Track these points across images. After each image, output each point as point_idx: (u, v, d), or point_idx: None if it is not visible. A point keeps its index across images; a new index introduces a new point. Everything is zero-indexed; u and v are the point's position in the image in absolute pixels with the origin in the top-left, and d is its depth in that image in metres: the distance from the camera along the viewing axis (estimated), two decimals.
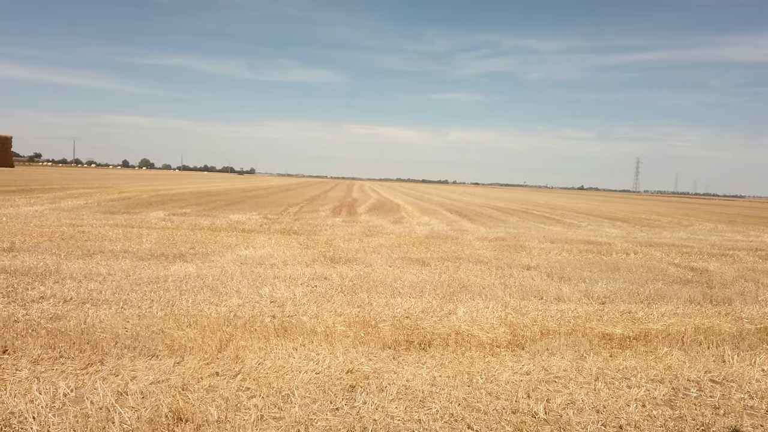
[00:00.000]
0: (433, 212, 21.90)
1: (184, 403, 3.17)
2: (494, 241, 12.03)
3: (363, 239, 11.42)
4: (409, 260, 8.83)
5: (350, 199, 30.15)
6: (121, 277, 6.48)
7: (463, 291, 6.59)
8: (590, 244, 12.23)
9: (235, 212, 16.86)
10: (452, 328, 5.03)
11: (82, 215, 13.44)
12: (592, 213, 27.15)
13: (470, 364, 4.12)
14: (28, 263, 6.95)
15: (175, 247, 8.92)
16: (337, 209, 21.16)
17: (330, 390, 3.51)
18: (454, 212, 22.49)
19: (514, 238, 12.78)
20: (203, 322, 4.80)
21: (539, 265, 8.91)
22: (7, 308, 4.95)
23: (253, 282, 6.57)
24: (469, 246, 11.07)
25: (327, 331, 4.71)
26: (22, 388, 3.29)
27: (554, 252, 10.64)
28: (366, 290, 6.41)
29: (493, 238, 12.79)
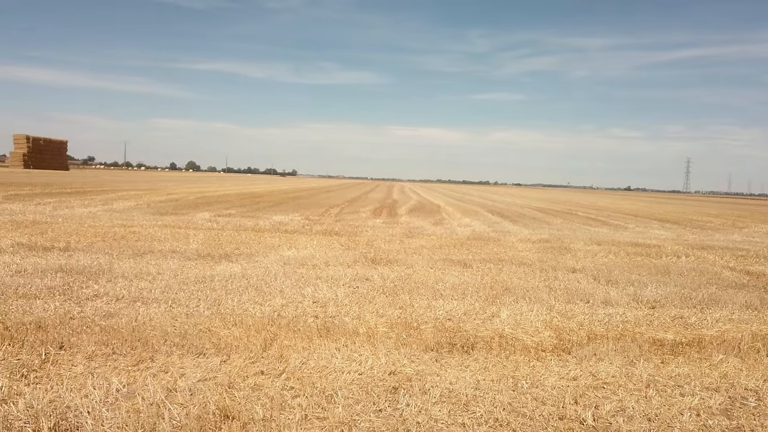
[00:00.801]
0: (474, 213, 21.69)
1: (230, 401, 3.23)
2: (537, 243, 11.82)
3: (404, 240, 11.41)
4: (450, 262, 8.76)
5: (391, 201, 30.20)
6: (170, 276, 6.67)
7: (506, 293, 6.49)
8: (638, 247, 11.86)
9: (277, 213, 17.13)
10: (495, 331, 4.96)
11: (133, 216, 13.92)
12: (640, 214, 26.34)
13: (515, 369, 4.05)
14: (83, 262, 7.23)
15: (221, 248, 9.12)
16: (378, 210, 21.22)
17: (373, 391, 3.51)
18: (495, 213, 22.22)
19: (558, 240, 12.52)
20: (248, 321, 4.88)
21: (585, 267, 8.69)
22: (63, 305, 5.16)
23: (296, 282, 6.64)
24: (512, 248, 10.90)
25: (369, 332, 4.72)
26: (78, 383, 3.42)
27: (601, 254, 10.37)
28: (407, 292, 6.39)
29: (536, 239, 12.57)
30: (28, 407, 3.05)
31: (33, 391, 3.28)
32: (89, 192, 24.39)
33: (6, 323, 4.48)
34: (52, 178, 44.91)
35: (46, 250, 8.09)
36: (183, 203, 19.88)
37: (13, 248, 8.05)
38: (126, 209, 16.04)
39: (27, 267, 6.77)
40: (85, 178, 50.16)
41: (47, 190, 24.09)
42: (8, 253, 7.70)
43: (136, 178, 56.81)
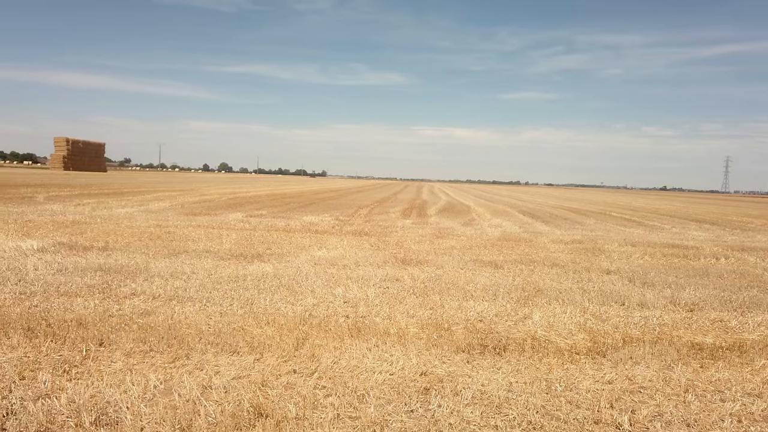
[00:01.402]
0: (504, 214, 21.47)
1: (264, 399, 3.27)
2: (570, 244, 11.63)
3: (434, 241, 11.37)
4: (481, 263, 8.69)
5: (420, 201, 30.13)
6: (204, 275, 6.79)
7: (538, 295, 6.41)
8: (675, 248, 11.56)
9: (308, 214, 17.28)
10: (528, 333, 4.90)
11: (168, 217, 14.23)
12: (677, 215, 25.68)
13: (548, 371, 3.99)
14: (121, 261, 7.43)
15: (253, 248, 9.25)
16: (407, 211, 21.20)
17: (404, 392, 3.50)
18: (526, 214, 21.95)
19: (591, 241, 12.30)
20: (280, 320, 4.94)
21: (620, 269, 8.52)
22: (102, 303, 5.31)
23: (326, 282, 6.69)
24: (544, 249, 10.76)
25: (400, 333, 4.72)
26: (117, 379, 3.51)
27: (636, 256, 10.15)
28: (438, 292, 6.37)
29: (569, 240, 12.37)
30: (71, 402, 3.14)
31: (75, 386, 3.38)
32: (126, 193, 25.03)
33: (48, 320, 4.63)
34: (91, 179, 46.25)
35: (85, 249, 8.34)
36: (216, 204, 20.22)
37: (54, 247, 8.32)
38: (161, 210, 16.41)
39: (68, 266, 6.99)
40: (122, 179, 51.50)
41: (86, 191, 24.82)
42: (50, 252, 7.96)
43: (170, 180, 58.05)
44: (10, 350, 3.96)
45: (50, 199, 18.72)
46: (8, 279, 6.12)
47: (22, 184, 29.06)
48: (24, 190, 23.37)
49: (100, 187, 30.83)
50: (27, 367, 3.65)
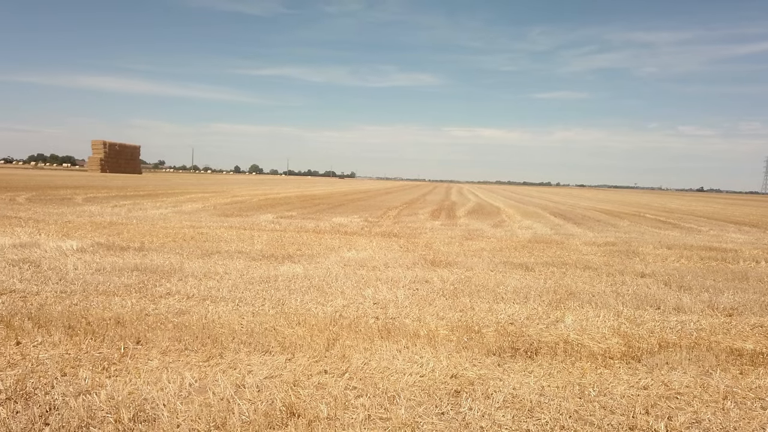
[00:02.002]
0: (535, 215, 21.22)
1: (296, 399, 3.31)
2: (603, 246, 11.42)
3: (463, 243, 11.31)
4: (511, 265, 8.61)
5: (449, 202, 30.01)
6: (236, 276, 6.90)
7: (570, 298, 6.32)
8: (713, 251, 11.25)
9: (337, 215, 17.38)
10: (560, 336, 4.83)
11: (201, 218, 14.50)
12: (715, 216, 24.97)
13: (581, 375, 3.94)
14: (156, 262, 7.60)
15: (284, 249, 9.36)
16: (436, 212, 21.13)
17: (435, 394, 3.50)
18: (558, 215, 21.65)
19: (625, 243, 12.06)
20: (311, 321, 4.99)
21: (655, 272, 8.33)
22: (139, 302, 5.45)
23: (356, 283, 6.72)
24: (576, 251, 10.59)
25: (430, 335, 4.71)
26: (153, 377, 3.60)
27: (672, 259, 9.91)
28: (468, 294, 6.34)
29: (602, 242, 12.15)
30: (110, 398, 3.24)
31: (113, 383, 3.48)
32: (160, 195, 25.60)
33: (88, 318, 4.77)
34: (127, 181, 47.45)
35: (122, 249, 8.56)
36: (247, 205, 20.52)
37: (93, 248, 8.57)
38: (194, 211, 16.73)
39: (106, 266, 7.19)
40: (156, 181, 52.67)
41: (122, 193, 25.48)
42: (89, 252, 8.20)
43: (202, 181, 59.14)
44: (52, 347, 4.09)
45: (88, 201, 19.28)
46: (50, 278, 6.33)
47: (62, 186, 30.00)
48: (63, 192, 24.12)
49: (135, 188, 31.60)
50: (68, 364, 3.77)
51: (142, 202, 19.54)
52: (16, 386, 3.35)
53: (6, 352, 3.95)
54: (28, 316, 4.78)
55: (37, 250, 8.17)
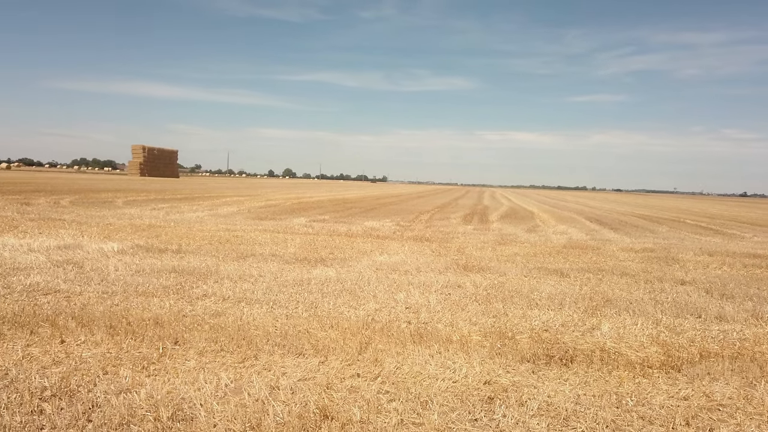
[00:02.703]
0: (570, 220, 20.87)
1: (329, 401, 3.34)
2: (641, 253, 11.15)
3: (496, 248, 11.21)
4: (545, 270, 8.49)
5: (481, 207, 29.77)
6: (270, 278, 7.00)
7: (607, 305, 6.19)
8: (757, 258, 10.86)
9: (369, 219, 17.44)
10: (596, 344, 4.74)
11: (236, 221, 14.75)
12: (759, 223, 24.10)
13: (618, 384, 3.85)
14: (193, 264, 7.77)
15: (316, 252, 9.44)
16: (469, 217, 20.99)
17: (468, 400, 3.48)
18: (593, 220, 21.24)
19: (664, 250, 11.75)
20: (344, 324, 5.02)
21: (695, 279, 8.09)
22: (177, 304, 5.57)
23: (388, 287, 6.73)
24: (613, 257, 10.37)
25: (462, 340, 4.68)
26: (191, 377, 3.68)
27: (713, 266, 9.61)
28: (501, 300, 6.28)
29: (639, 249, 11.87)
30: (149, 397, 3.32)
31: (153, 382, 3.57)
32: (197, 198, 26.16)
33: (129, 319, 4.91)
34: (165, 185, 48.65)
35: (160, 251, 8.78)
36: (280, 209, 20.78)
37: (132, 249, 8.81)
38: (229, 214, 17.03)
39: (145, 267, 7.39)
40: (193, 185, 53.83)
41: (160, 196, 26.13)
42: (129, 254, 8.43)
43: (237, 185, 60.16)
44: (95, 346, 4.23)
45: (128, 204, 19.84)
46: (92, 279, 6.54)
47: (103, 190, 30.94)
48: (105, 195, 24.88)
49: (173, 192, 32.37)
50: (109, 363, 3.88)
51: (180, 206, 20.00)
52: (61, 383, 3.47)
53: (51, 350, 4.09)
54: (71, 315, 4.95)
55: (80, 251, 8.44)
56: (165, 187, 40.38)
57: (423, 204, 30.43)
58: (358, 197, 36.75)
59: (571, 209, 31.03)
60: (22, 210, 15.36)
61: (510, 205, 32.77)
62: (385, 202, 30.15)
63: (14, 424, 2.95)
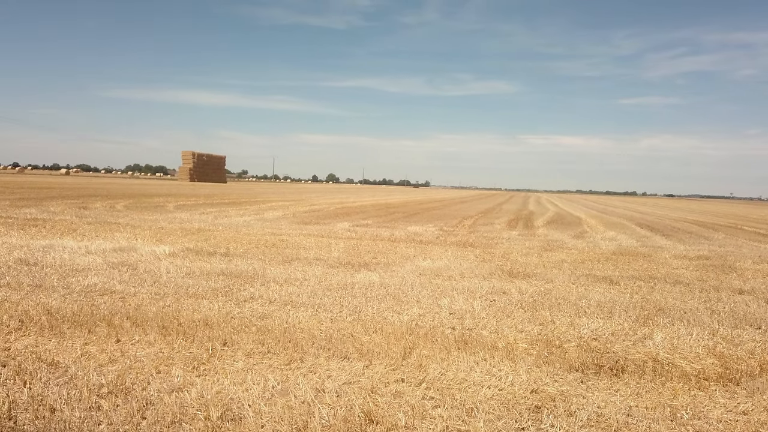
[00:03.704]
0: (619, 226, 20.28)
1: (374, 406, 3.35)
2: (695, 260, 10.73)
3: (542, 254, 11.00)
4: (594, 278, 8.28)
5: (526, 212, 29.30)
6: (315, 282, 7.09)
7: (659, 314, 5.98)
8: None
9: (412, 224, 17.43)
10: (648, 354, 4.58)
11: (281, 225, 15.01)
12: None
13: (672, 397, 3.71)
14: (240, 267, 7.95)
15: (360, 257, 9.50)
16: (513, 222, 20.69)
17: (514, 409, 3.42)
18: (644, 227, 20.58)
19: (720, 258, 11.26)
20: (387, 329, 5.03)
21: (755, 289, 7.72)
22: (225, 306, 5.71)
23: (432, 293, 6.71)
24: (665, 264, 10.02)
25: (508, 348, 4.61)
26: (239, 378, 3.76)
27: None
28: (548, 307, 6.15)
29: (693, 256, 11.42)
30: (200, 396, 3.41)
31: (203, 382, 3.67)
32: (244, 203, 26.76)
33: (180, 320, 5.06)
34: (213, 190, 50.00)
35: (209, 255, 9.02)
36: (324, 213, 21.02)
37: (183, 252, 9.09)
38: (275, 219, 17.35)
39: (195, 270, 7.61)
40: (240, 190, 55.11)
41: (209, 201, 26.87)
42: (179, 257, 8.70)
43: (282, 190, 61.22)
44: (148, 346, 4.38)
45: (179, 208, 20.49)
46: (145, 281, 6.78)
47: (155, 194, 32.06)
48: (156, 200, 25.77)
49: (221, 197, 33.22)
50: (162, 362, 4.01)
51: (227, 210, 20.51)
52: (117, 381, 3.60)
53: (108, 349, 4.26)
54: (126, 315, 5.14)
55: (134, 254, 8.77)
56: (213, 192, 41.50)
57: (466, 209, 30.19)
58: (401, 202, 36.78)
59: (620, 215, 30.15)
60: (80, 214, 16.08)
61: (556, 211, 32.12)
62: (427, 207, 30.07)
63: (74, 419, 3.08)
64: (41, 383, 3.53)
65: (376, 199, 42.45)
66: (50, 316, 4.98)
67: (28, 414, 3.11)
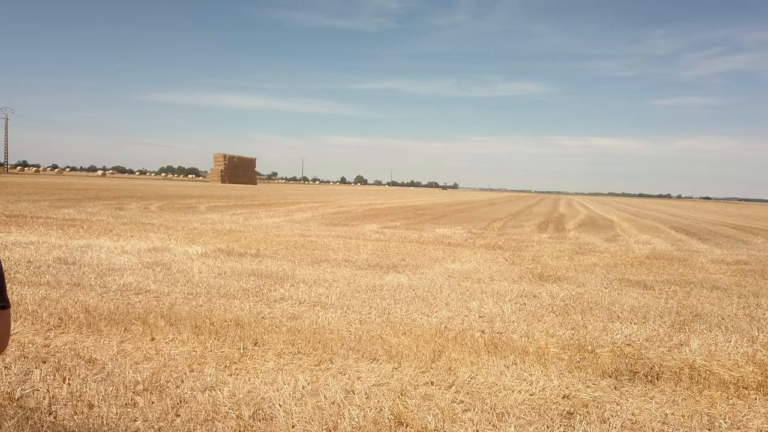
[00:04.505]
0: (653, 230, 19.83)
1: (403, 408, 3.34)
2: (733, 265, 10.41)
3: (573, 257, 10.83)
4: (627, 282, 8.11)
5: (557, 215, 28.88)
6: (344, 284, 7.12)
7: (696, 320, 5.82)
8: None
9: (440, 226, 17.36)
10: (684, 361, 4.47)
11: (310, 227, 15.13)
12: None
13: (710, 405, 3.61)
14: (270, 268, 8.04)
15: (388, 258, 9.50)
16: (543, 225, 20.43)
17: (546, 414, 3.37)
18: (679, 230, 20.07)
19: (760, 263, 10.91)
20: (416, 331, 5.02)
21: None
22: (256, 306, 5.78)
23: (461, 295, 6.67)
24: (701, 269, 9.75)
25: (539, 352, 4.56)
26: (270, 378, 3.80)
27: None
28: (580, 312, 6.05)
29: (731, 261, 11.08)
30: (232, 395, 3.46)
31: (234, 381, 3.72)
32: (273, 204, 27.07)
33: (212, 319, 5.15)
34: (244, 191, 50.71)
35: (240, 255, 9.15)
36: (353, 215, 21.10)
37: (215, 253, 9.24)
38: (304, 220, 17.49)
39: (226, 270, 7.72)
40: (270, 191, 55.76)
41: (240, 203, 27.25)
42: (211, 257, 8.85)
43: (311, 191, 61.69)
44: (181, 344, 4.46)
45: (210, 209, 20.83)
46: (178, 280, 6.91)
47: (188, 196, 32.68)
48: (189, 201, 26.26)
49: (251, 198, 33.66)
50: (195, 361, 4.08)
51: (257, 211, 20.77)
52: (152, 378, 3.68)
53: (143, 347, 4.36)
54: (160, 314, 5.25)
55: (168, 254, 8.95)
56: (244, 194, 42.07)
57: (495, 211, 29.93)
58: (429, 204, 36.67)
59: (654, 218, 29.47)
60: (116, 214, 16.50)
61: (588, 213, 31.58)
62: (456, 209, 29.91)
63: (111, 415, 3.16)
64: (79, 380, 3.63)
65: (404, 200, 42.41)
66: (88, 314, 5.12)
67: (67, 409, 3.20)
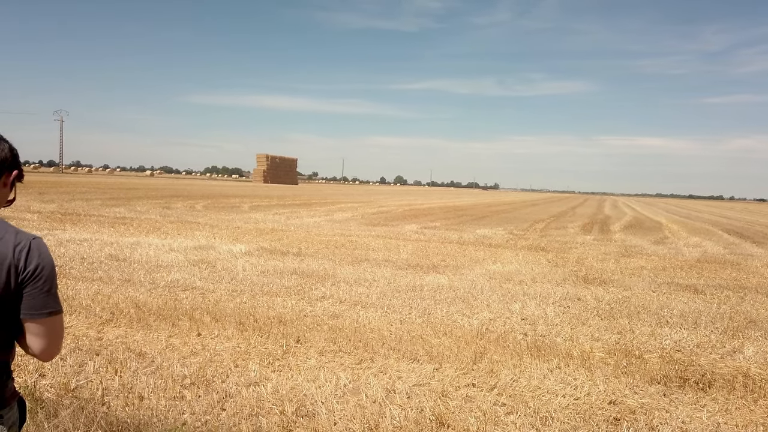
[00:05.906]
0: (705, 232, 19.11)
1: (444, 409, 3.33)
2: None
3: (619, 260, 10.55)
4: (676, 286, 7.84)
5: (602, 216, 28.18)
6: (384, 283, 7.14)
7: (750, 327, 5.58)
8: None
9: (480, 227, 17.19)
10: (738, 368, 4.29)
11: (350, 227, 15.23)
12: None
13: (765, 415, 3.45)
14: (312, 267, 8.13)
15: (428, 259, 9.47)
16: (588, 226, 19.96)
17: (591, 420, 3.30)
18: (732, 233, 19.28)
19: None
20: (457, 332, 4.98)
21: None
22: (298, 304, 5.86)
23: (502, 297, 6.59)
24: (756, 274, 9.34)
25: (584, 356, 4.46)
26: (312, 375, 3.85)
27: None
28: (626, 316, 5.89)
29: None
30: (275, 391, 3.52)
31: (278, 377, 3.78)
32: (314, 204, 27.38)
33: (256, 316, 5.25)
34: (285, 191, 51.50)
35: (282, 254, 9.29)
36: (392, 215, 21.13)
37: (258, 251, 9.41)
38: (344, 220, 17.63)
39: (269, 268, 7.86)
40: (310, 191, 56.44)
41: (281, 202, 27.69)
42: (254, 255, 9.02)
43: (351, 192, 62.10)
44: (226, 340, 4.56)
45: (253, 209, 21.24)
46: (223, 278, 7.08)
47: (231, 195, 33.41)
48: (233, 201, 26.84)
49: (292, 198, 34.16)
50: (239, 357, 4.17)
51: (299, 211, 21.05)
52: (199, 373, 3.78)
53: (189, 342, 4.48)
54: (206, 310, 5.39)
55: (213, 252, 9.17)
56: (285, 194, 42.72)
57: (537, 212, 29.44)
58: (469, 205, 36.37)
59: (705, 220, 28.40)
60: (163, 213, 17.02)
61: (634, 215, 30.69)
62: (496, 210, 29.57)
63: (160, 407, 3.26)
64: (130, 372, 3.76)
65: (444, 201, 42.21)
66: (138, 309, 5.30)
67: (119, 400, 3.32)
